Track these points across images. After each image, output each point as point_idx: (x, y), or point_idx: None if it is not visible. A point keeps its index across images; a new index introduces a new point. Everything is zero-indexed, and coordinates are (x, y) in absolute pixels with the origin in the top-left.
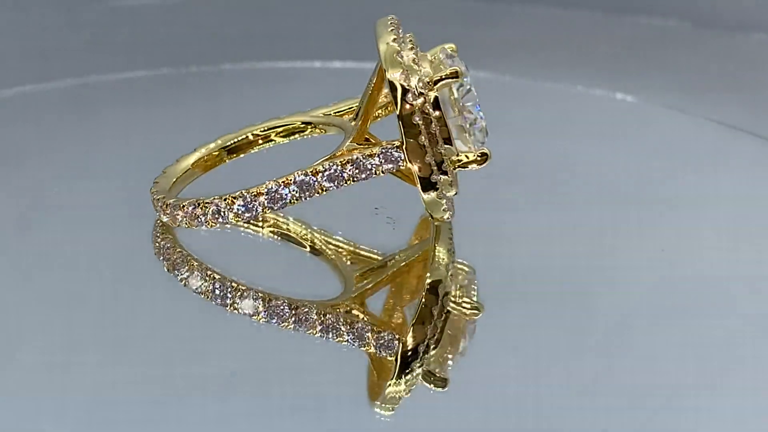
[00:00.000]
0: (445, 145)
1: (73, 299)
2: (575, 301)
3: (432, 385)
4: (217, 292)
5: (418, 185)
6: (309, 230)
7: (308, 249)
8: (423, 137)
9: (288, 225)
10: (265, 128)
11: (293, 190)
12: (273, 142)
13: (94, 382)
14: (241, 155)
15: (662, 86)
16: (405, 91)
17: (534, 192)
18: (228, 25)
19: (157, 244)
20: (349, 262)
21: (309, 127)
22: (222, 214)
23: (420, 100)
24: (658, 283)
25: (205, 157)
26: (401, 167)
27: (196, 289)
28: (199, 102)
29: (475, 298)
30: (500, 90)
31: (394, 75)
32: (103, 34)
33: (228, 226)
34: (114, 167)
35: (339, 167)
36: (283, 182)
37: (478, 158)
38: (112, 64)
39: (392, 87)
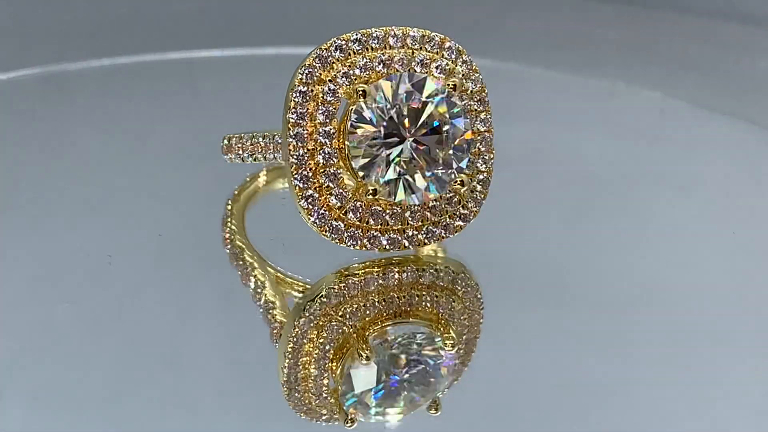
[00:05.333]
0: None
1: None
2: (565, 291)
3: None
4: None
5: None
6: None
7: None
8: (290, 133)
9: None
10: None
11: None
12: None
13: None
14: None
15: (645, 72)
16: (293, 87)
17: (521, 178)
18: (214, 10)
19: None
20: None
21: None
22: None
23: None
24: (647, 269)
25: None
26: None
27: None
28: (183, 90)
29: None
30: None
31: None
32: (82, 20)
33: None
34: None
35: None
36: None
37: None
38: (89, 50)
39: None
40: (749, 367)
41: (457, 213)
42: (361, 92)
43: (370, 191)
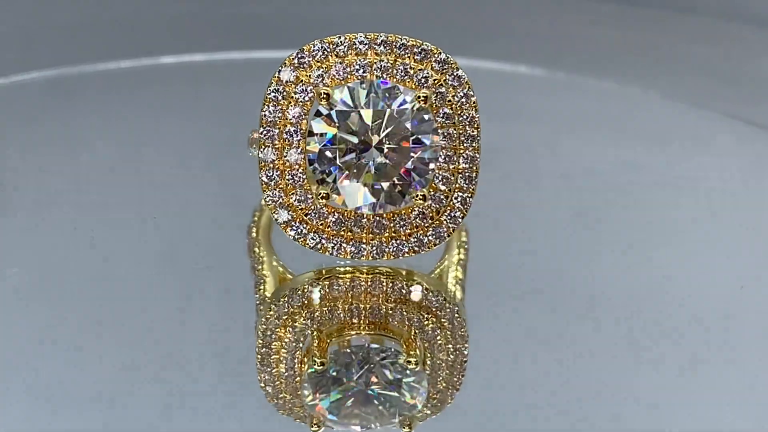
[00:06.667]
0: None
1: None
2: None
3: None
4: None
5: None
6: None
7: None
8: (262, 131)
9: None
10: None
11: None
12: None
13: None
14: None
15: (645, 72)
16: (269, 85)
17: (519, 179)
18: (229, 11)
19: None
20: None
21: None
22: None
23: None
24: (651, 273)
25: None
26: None
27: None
28: (184, 94)
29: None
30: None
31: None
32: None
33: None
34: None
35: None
36: None
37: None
38: (93, 53)
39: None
40: (752, 370)
41: (431, 229)
42: (324, 95)
43: (322, 195)
